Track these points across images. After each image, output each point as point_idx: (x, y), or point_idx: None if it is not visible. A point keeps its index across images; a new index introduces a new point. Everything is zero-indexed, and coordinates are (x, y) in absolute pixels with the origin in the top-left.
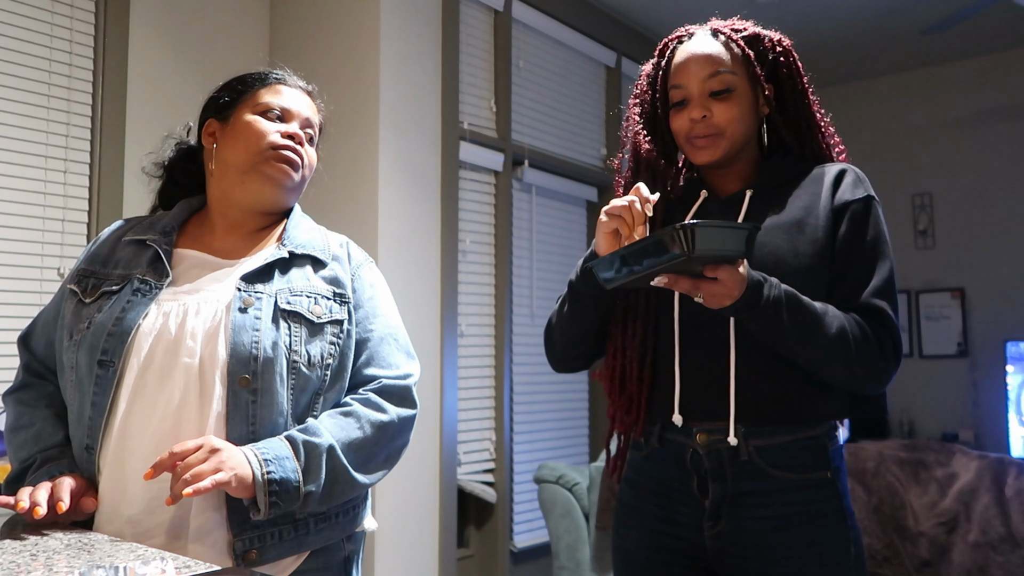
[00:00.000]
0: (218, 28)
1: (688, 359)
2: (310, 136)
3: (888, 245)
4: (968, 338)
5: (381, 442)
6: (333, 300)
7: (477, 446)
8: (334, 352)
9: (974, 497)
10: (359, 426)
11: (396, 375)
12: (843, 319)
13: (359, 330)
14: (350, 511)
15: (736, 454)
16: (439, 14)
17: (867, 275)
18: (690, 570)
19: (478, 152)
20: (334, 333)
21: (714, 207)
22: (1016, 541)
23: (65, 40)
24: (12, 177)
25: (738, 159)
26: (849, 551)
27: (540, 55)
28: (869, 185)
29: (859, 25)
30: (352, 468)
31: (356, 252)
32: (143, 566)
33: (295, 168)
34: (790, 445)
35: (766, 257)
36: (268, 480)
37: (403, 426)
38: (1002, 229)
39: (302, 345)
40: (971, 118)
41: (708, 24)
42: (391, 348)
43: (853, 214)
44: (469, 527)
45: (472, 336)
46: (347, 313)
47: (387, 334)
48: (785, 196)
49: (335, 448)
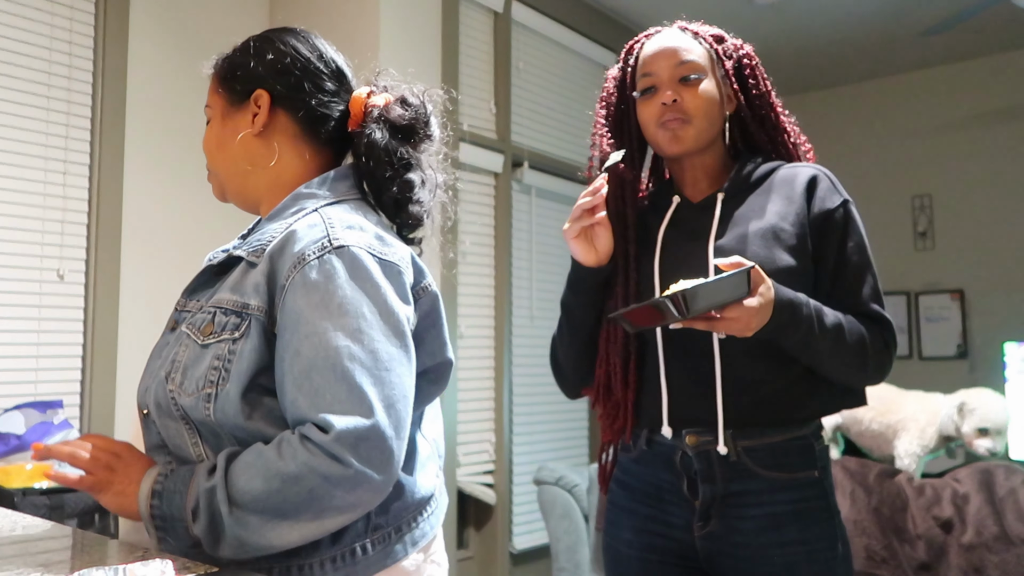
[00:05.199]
0: (218, 28)
1: (673, 367)
2: (208, 120)
3: (867, 244)
4: (968, 339)
5: (289, 499)
6: (234, 314)
7: (477, 447)
8: (214, 379)
9: (966, 499)
10: (254, 472)
11: (315, 420)
12: (860, 329)
13: (282, 354)
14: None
15: (725, 456)
16: (439, 15)
17: (859, 282)
18: (682, 570)
19: (478, 153)
20: (217, 355)
21: (687, 212)
22: (1010, 540)
23: (65, 41)
24: (12, 178)
25: (706, 155)
26: (837, 548)
27: (540, 57)
28: (840, 186)
29: (859, 26)
30: (238, 519)
31: (300, 242)
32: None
33: (210, 180)
34: (778, 446)
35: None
36: (152, 515)
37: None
38: (1002, 230)
39: (180, 371)
40: (971, 119)
41: (675, 24)
42: (317, 382)
43: (835, 223)
44: (469, 528)
45: (472, 337)
46: (243, 330)
47: (314, 362)
48: (757, 199)
49: (215, 493)
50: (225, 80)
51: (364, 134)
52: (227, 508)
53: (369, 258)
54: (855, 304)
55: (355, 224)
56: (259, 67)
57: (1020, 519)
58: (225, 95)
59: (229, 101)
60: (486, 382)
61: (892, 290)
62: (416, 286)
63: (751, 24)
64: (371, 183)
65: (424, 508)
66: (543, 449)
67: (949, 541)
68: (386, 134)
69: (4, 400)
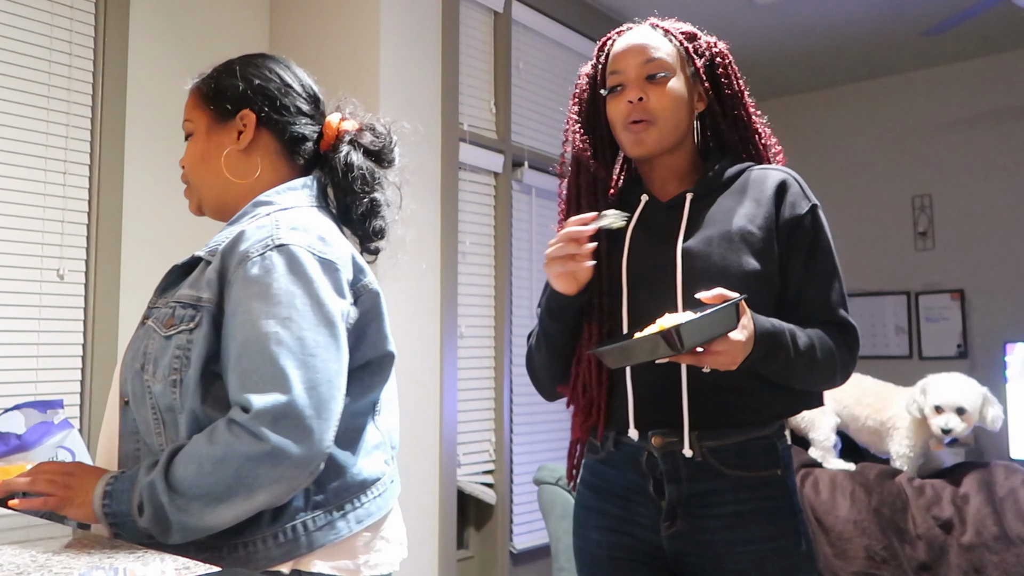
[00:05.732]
0: (218, 28)
1: (639, 369)
2: (188, 134)
3: (833, 248)
4: (968, 340)
5: (219, 481)
6: (190, 307)
7: (477, 447)
8: (176, 367)
9: (966, 500)
10: (187, 460)
11: (239, 402)
12: (829, 343)
13: (224, 342)
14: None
15: (691, 456)
16: (439, 15)
17: (826, 288)
18: (650, 569)
19: (478, 153)
20: (178, 345)
21: (655, 212)
22: (1010, 540)
23: (65, 41)
24: (12, 178)
25: (675, 155)
26: (801, 545)
27: (540, 57)
28: (809, 191)
29: (859, 26)
30: (179, 506)
31: (247, 241)
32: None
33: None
34: (742, 445)
35: (712, 268)
36: (105, 513)
37: (241, 464)
38: (1002, 230)
39: (152, 362)
40: (971, 119)
41: (647, 21)
42: (246, 364)
43: (804, 229)
44: (469, 528)
45: (472, 337)
46: (196, 321)
47: (246, 347)
48: (726, 201)
49: (155, 485)
50: (211, 98)
51: (340, 154)
52: (167, 498)
53: (308, 255)
54: (823, 311)
55: (300, 226)
56: (247, 89)
57: (1020, 519)
58: (210, 112)
59: (214, 118)
60: (486, 382)
61: (892, 290)
62: (355, 283)
63: (751, 24)
64: (344, 198)
65: (369, 489)
66: (543, 449)
67: (949, 541)
68: (360, 156)
69: (4, 400)
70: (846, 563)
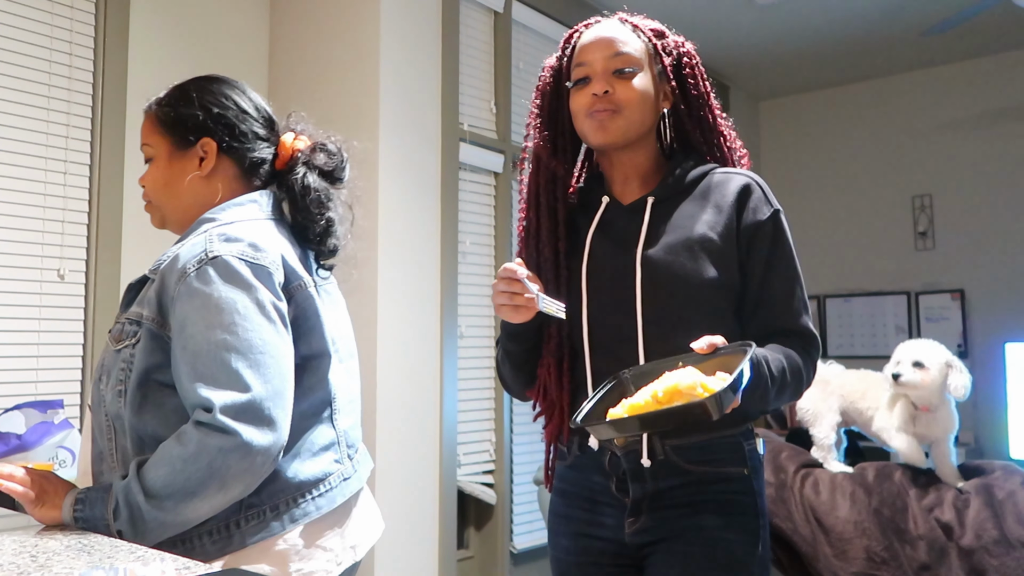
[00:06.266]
0: (218, 28)
1: (600, 371)
2: (148, 158)
3: (795, 255)
4: (968, 340)
5: (192, 476)
6: (134, 324)
7: (477, 447)
8: (121, 379)
9: (966, 502)
10: (159, 463)
11: (200, 402)
12: (796, 360)
13: (175, 352)
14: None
15: (653, 454)
16: (439, 15)
17: (788, 296)
18: (616, 570)
19: (478, 153)
20: (123, 359)
21: (616, 215)
22: (1010, 543)
23: (65, 41)
24: (12, 178)
25: (637, 152)
26: (757, 547)
27: (540, 56)
28: (772, 196)
29: (859, 26)
30: (155, 505)
31: (185, 256)
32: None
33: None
34: (706, 444)
35: (672, 277)
36: (76, 518)
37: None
38: (1002, 230)
39: (106, 373)
40: (971, 119)
41: (616, 15)
42: (201, 369)
43: (764, 235)
44: (469, 528)
45: (472, 337)
46: (139, 337)
47: (198, 352)
48: (688, 207)
49: (131, 488)
50: (171, 126)
51: (296, 176)
52: (143, 498)
53: (240, 263)
54: (783, 318)
55: (232, 236)
56: (206, 118)
57: (1019, 522)
58: (171, 140)
59: (175, 145)
60: (486, 382)
61: (892, 290)
62: (288, 285)
63: (751, 24)
64: (301, 219)
65: (308, 490)
66: (543, 449)
67: (949, 543)
68: (316, 177)
69: (4, 400)
70: (846, 564)
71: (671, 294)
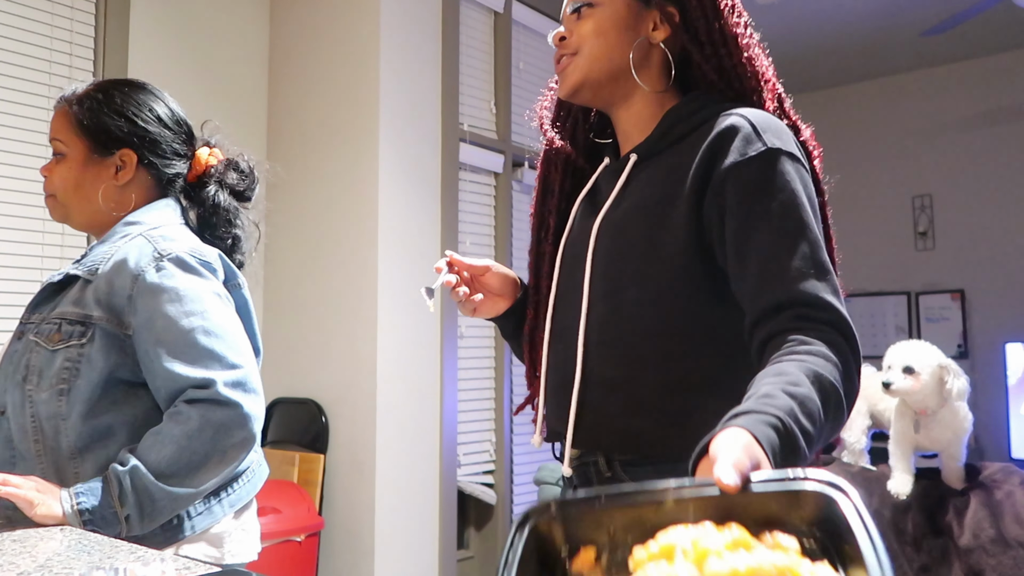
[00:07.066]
0: (218, 28)
1: (551, 376)
2: (57, 156)
3: (805, 206)
4: (968, 340)
5: (197, 450)
6: (78, 323)
7: (477, 447)
8: (65, 377)
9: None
10: (163, 442)
11: (196, 381)
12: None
13: (149, 347)
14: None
15: (599, 471)
16: (439, 16)
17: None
18: None
19: (478, 153)
20: (68, 358)
21: (603, 178)
22: (1007, 543)
23: (66, 41)
24: (13, 178)
25: (631, 103)
26: None
27: (540, 56)
28: (772, 135)
29: (859, 27)
30: (164, 483)
31: (136, 259)
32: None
33: (50, 208)
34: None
35: (621, 248)
36: (79, 510)
37: (217, 428)
38: (1002, 230)
39: (37, 374)
40: (971, 119)
41: None
42: (191, 354)
43: (741, 182)
44: (469, 528)
45: (472, 337)
46: (89, 336)
47: (181, 340)
48: (671, 160)
49: (139, 468)
50: (91, 131)
51: (207, 192)
52: (152, 479)
53: (191, 258)
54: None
55: (174, 238)
56: (131, 131)
57: (1017, 522)
58: (88, 143)
59: (92, 150)
60: (486, 382)
61: (892, 290)
62: (228, 282)
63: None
64: (208, 233)
65: (240, 477)
66: (543, 449)
67: (949, 543)
68: (226, 195)
69: None
70: None
71: (620, 271)
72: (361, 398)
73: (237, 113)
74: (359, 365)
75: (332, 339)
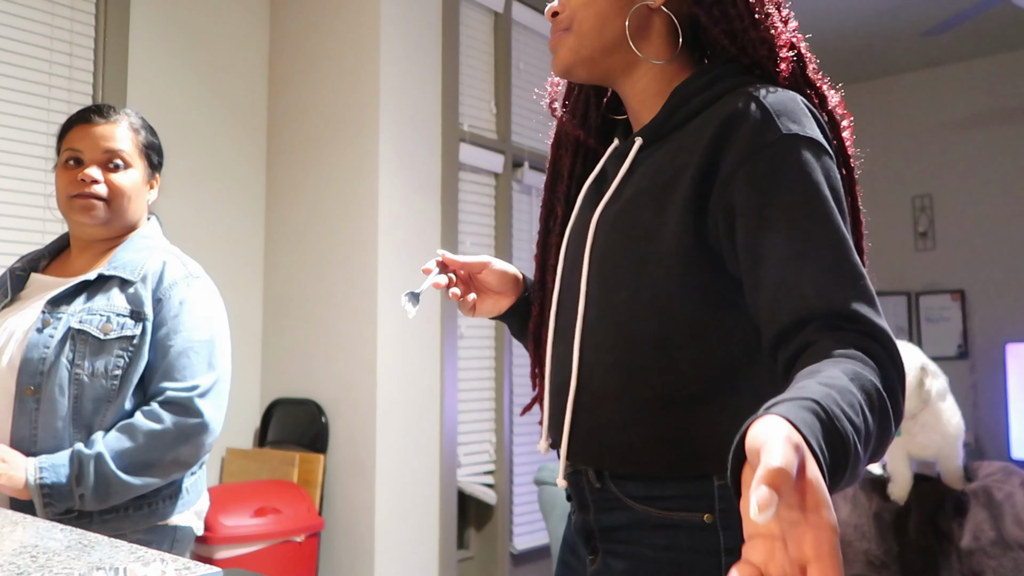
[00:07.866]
0: (218, 28)
1: (553, 371)
2: (115, 164)
3: (829, 199)
4: (968, 340)
5: (156, 448)
6: (128, 318)
7: (477, 448)
8: (120, 364)
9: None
10: (132, 436)
11: (181, 387)
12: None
13: (160, 345)
14: (144, 507)
15: (589, 482)
16: (439, 16)
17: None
18: None
19: (478, 154)
20: (121, 347)
21: (609, 163)
22: (1007, 544)
23: (66, 41)
24: (13, 178)
25: (635, 79)
26: None
27: (540, 57)
28: (792, 117)
29: (860, 26)
30: (121, 472)
31: (172, 272)
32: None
33: (93, 208)
34: (655, 476)
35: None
36: (40, 484)
37: (181, 433)
38: (1002, 230)
39: (86, 359)
40: (971, 119)
41: None
42: (186, 361)
43: (753, 176)
44: (469, 529)
45: (472, 337)
46: (141, 329)
47: (186, 348)
48: (672, 145)
49: (103, 456)
50: (150, 155)
51: None
52: (113, 468)
53: (209, 281)
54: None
55: (189, 259)
56: (161, 161)
57: (1017, 524)
58: (147, 164)
59: (148, 170)
60: (486, 382)
61: (892, 290)
62: None
63: None
64: None
65: (200, 464)
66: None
67: (948, 546)
68: None
69: None
70: (845, 567)
71: (613, 271)
72: (361, 398)
73: (237, 113)
74: (359, 365)
75: (332, 339)
